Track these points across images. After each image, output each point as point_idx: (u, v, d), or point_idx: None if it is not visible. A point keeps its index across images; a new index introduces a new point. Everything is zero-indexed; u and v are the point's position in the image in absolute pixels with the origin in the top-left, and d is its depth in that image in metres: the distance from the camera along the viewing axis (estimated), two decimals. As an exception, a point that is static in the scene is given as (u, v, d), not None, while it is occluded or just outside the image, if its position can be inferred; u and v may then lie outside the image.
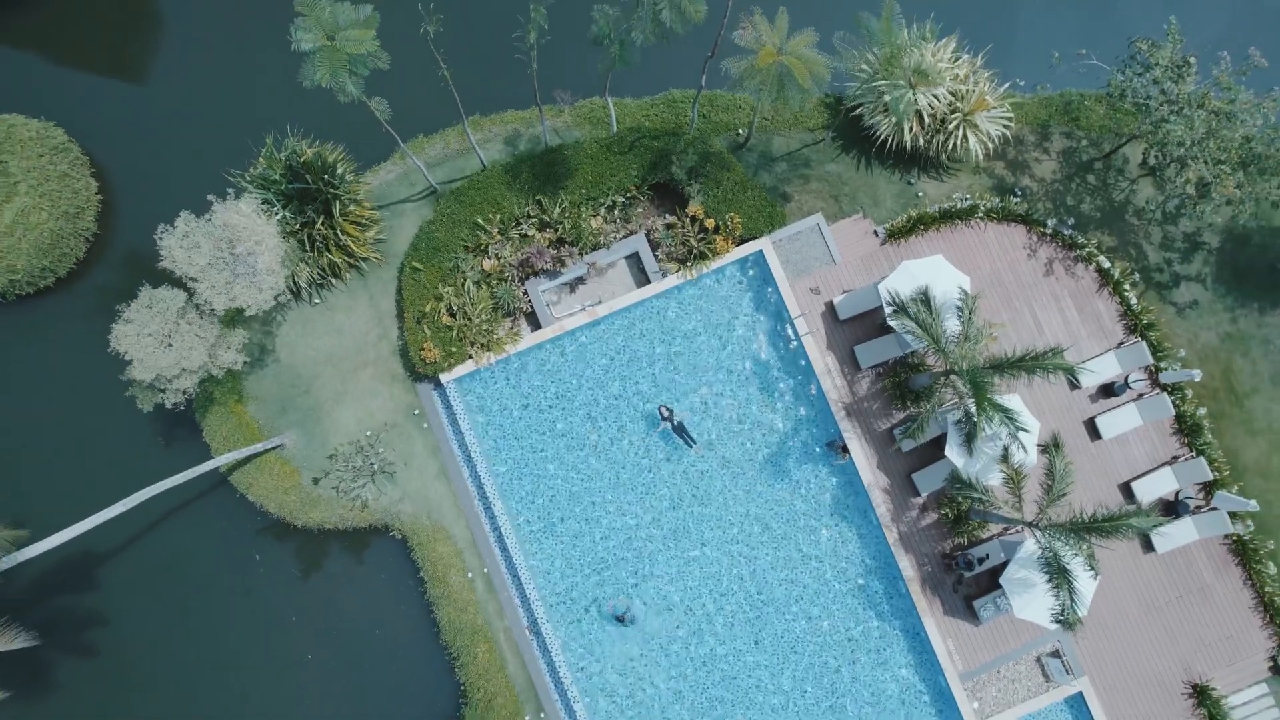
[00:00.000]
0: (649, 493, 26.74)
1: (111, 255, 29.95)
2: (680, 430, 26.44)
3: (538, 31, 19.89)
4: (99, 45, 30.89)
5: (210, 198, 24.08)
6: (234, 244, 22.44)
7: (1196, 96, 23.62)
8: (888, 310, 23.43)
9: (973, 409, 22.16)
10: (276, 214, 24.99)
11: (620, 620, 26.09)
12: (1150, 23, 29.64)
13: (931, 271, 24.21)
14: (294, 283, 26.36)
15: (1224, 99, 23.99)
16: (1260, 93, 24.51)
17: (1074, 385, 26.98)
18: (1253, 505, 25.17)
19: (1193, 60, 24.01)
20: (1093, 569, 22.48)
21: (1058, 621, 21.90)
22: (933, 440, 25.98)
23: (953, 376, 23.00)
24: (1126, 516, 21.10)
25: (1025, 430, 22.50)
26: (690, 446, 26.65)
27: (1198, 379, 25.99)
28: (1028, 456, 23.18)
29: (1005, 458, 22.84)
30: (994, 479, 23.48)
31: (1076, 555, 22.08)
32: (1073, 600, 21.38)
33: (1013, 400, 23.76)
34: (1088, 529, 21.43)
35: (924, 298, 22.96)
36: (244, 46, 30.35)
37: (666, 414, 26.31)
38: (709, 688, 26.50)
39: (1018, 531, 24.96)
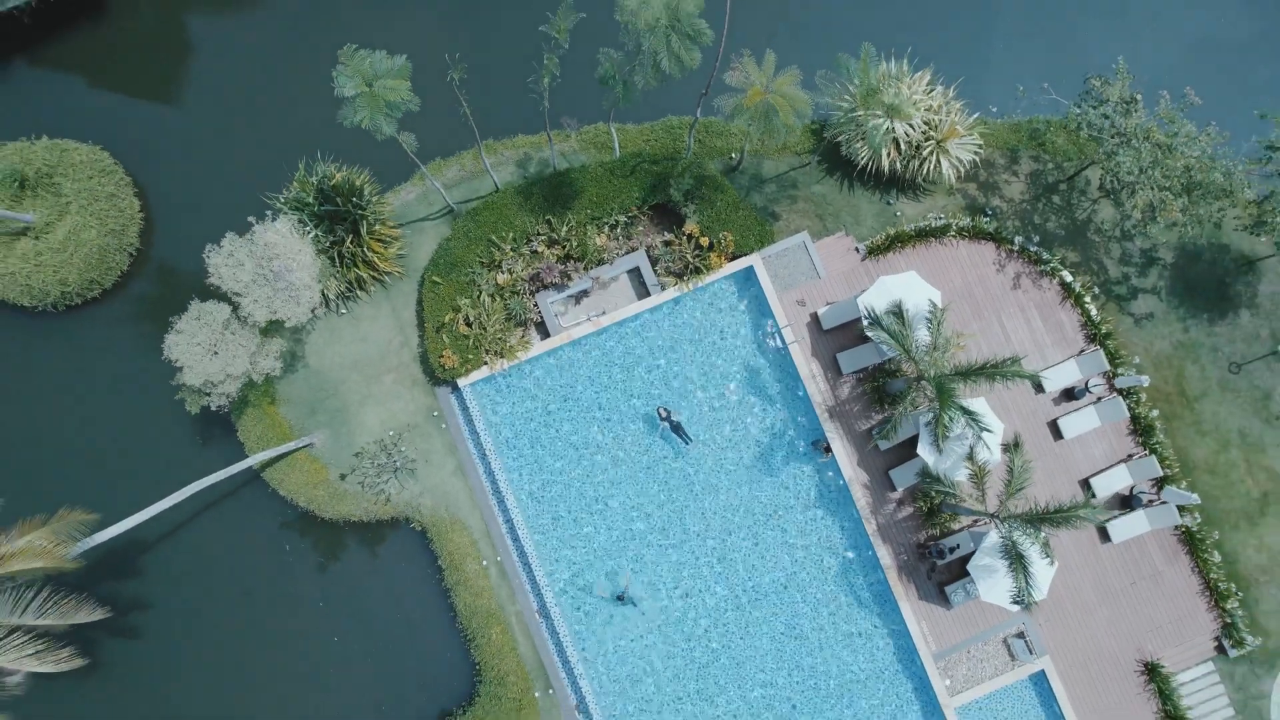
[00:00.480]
0: (648, 487, 29.22)
1: (152, 269, 32.40)
2: (678, 429, 28.90)
3: (550, 77, 22.35)
4: (141, 73, 33.32)
5: (250, 219, 26.60)
6: (273, 261, 24.88)
7: (1143, 129, 26.11)
8: (865, 322, 25.91)
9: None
10: (309, 233, 27.43)
11: (620, 599, 28.53)
12: (1108, 58, 32.28)
13: (905, 287, 26.68)
14: (323, 295, 28.80)
15: (1167, 132, 26.47)
16: (1200, 126, 27.00)
17: (1039, 389, 29.46)
18: (1195, 499, 27.67)
19: (1139, 97, 26.51)
20: (1049, 556, 24.96)
21: (1016, 602, 24.40)
22: (908, 439, 28.44)
23: (923, 381, 25.46)
24: (1075, 509, 23.58)
25: (988, 430, 24.98)
26: (686, 444, 29.13)
27: (1147, 384, 28.50)
28: (991, 455, 25.66)
29: (971, 456, 25.31)
30: (961, 475, 25.95)
31: (1033, 544, 24.54)
32: (1028, 584, 23.86)
33: (978, 403, 26.24)
34: (1041, 520, 23.91)
35: (897, 311, 25.44)
36: (275, 75, 32.83)
37: (664, 415, 28.77)
38: (703, 665, 28.96)
39: (984, 523, 27.40)
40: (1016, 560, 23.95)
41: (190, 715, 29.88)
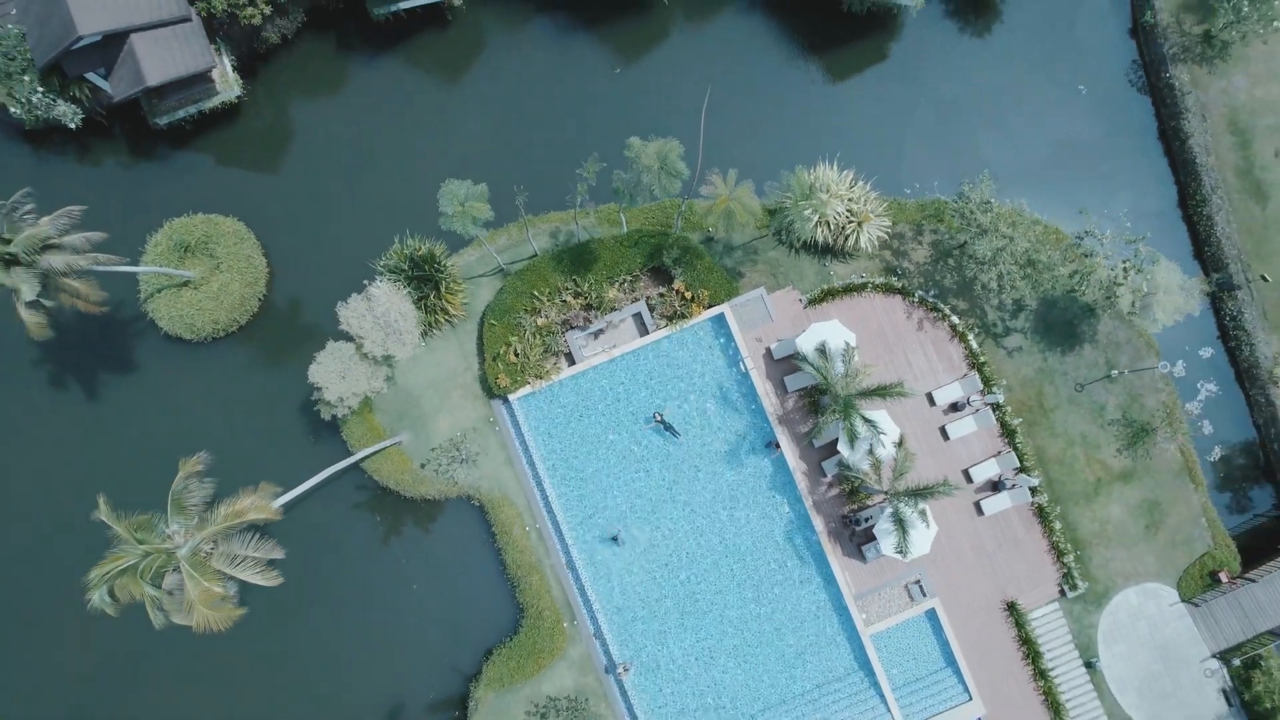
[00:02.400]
0: (647, 473, 40.09)
1: (276, 311, 43.33)
2: (669, 428, 39.75)
3: (582, 198, 33.30)
4: (266, 162, 44.32)
5: (366, 282, 37.48)
6: (387, 313, 35.74)
7: (993, 223, 36.96)
8: (797, 358, 36.79)
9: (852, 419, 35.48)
10: (404, 290, 38.26)
11: (614, 540, 39.30)
12: (992, 153, 43.30)
13: (829, 331, 37.56)
14: (411, 333, 39.66)
15: (1010, 223, 37.34)
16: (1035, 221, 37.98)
17: (932, 403, 40.29)
18: (1034, 481, 38.56)
19: (993, 200, 37.39)
20: (927, 522, 35.80)
21: (899, 553, 35.22)
22: (834, 439, 39.23)
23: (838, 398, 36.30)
24: (936, 487, 34.40)
25: (884, 433, 35.82)
26: (676, 438, 39.99)
27: (1002, 400, 39.36)
28: (887, 450, 36.47)
29: (871, 450, 36.14)
30: (866, 464, 36.74)
31: (914, 512, 35.37)
32: (906, 540, 34.69)
33: (880, 414, 37.06)
34: (915, 494, 34.71)
35: (821, 349, 36.32)
36: (368, 163, 43.72)
37: (659, 418, 39.63)
38: (685, 604, 39.76)
39: (883, 498, 38.13)
40: (899, 524, 34.76)
41: (313, 632, 40.72)
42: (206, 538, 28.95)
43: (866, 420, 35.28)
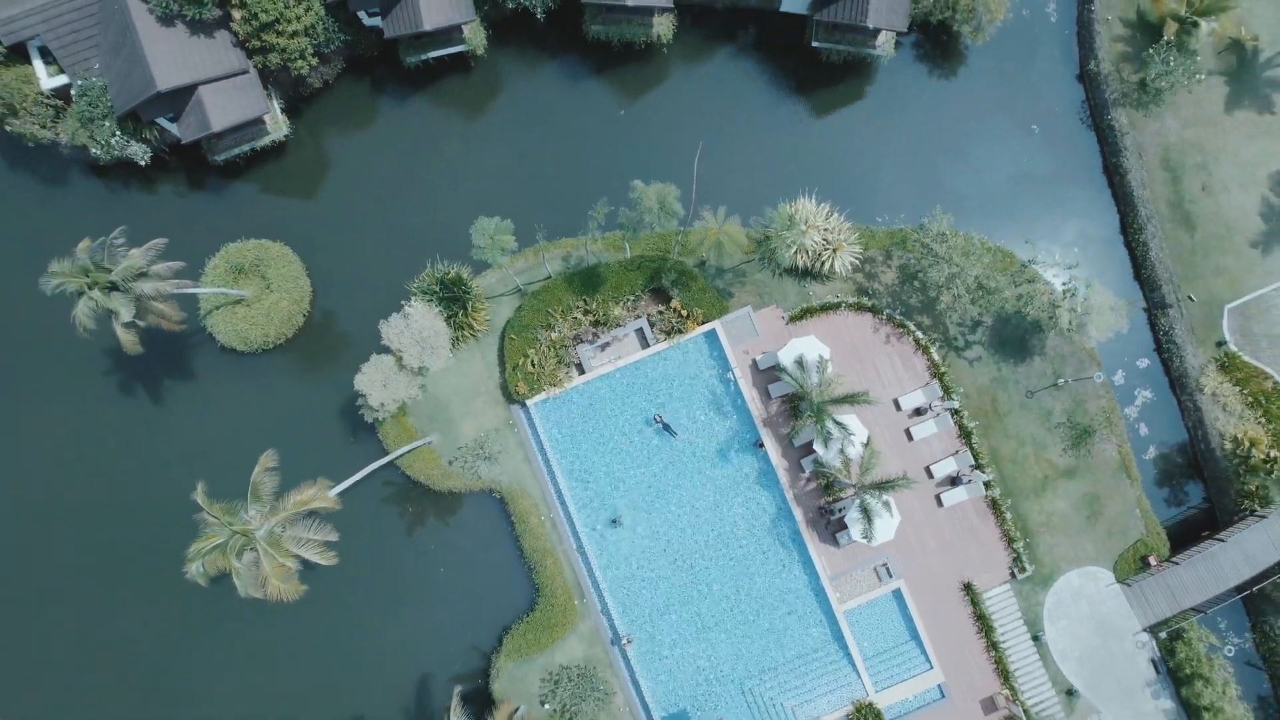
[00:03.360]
0: (648, 468, 45.63)
1: (318, 325, 48.86)
2: (667, 428, 45.30)
3: (593, 233, 38.89)
4: (309, 193, 49.87)
5: (402, 302, 43.01)
6: (421, 330, 41.29)
7: (947, 253, 42.52)
8: (779, 369, 42.35)
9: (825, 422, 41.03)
10: (436, 309, 43.76)
11: (615, 522, 44.86)
12: (954, 186, 48.83)
13: (806, 345, 43.11)
14: (440, 346, 45.20)
15: (963, 251, 42.90)
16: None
17: (898, 408, 45.83)
18: (988, 477, 44.13)
19: (947, 232, 42.95)
20: (890, 511, 41.36)
21: (864, 538, 40.77)
22: (812, 439, 44.72)
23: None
24: (895, 481, 39.95)
25: (853, 435, 41.37)
26: (674, 437, 45.54)
27: (958, 405, 44.93)
28: (855, 449, 42.01)
29: (841, 449, 41.69)
30: (837, 462, 42.27)
31: (879, 503, 40.91)
32: (870, 527, 40.24)
33: (849, 418, 42.60)
34: (878, 488, 40.26)
35: (799, 361, 41.87)
36: (399, 194, 49.25)
37: (659, 419, 45.18)
38: (682, 582, 45.29)
39: (852, 491, 43.64)
40: (865, 513, 40.34)
41: (352, 608, 46.22)
42: (279, 521, 34.51)
43: (837, 423, 40.86)
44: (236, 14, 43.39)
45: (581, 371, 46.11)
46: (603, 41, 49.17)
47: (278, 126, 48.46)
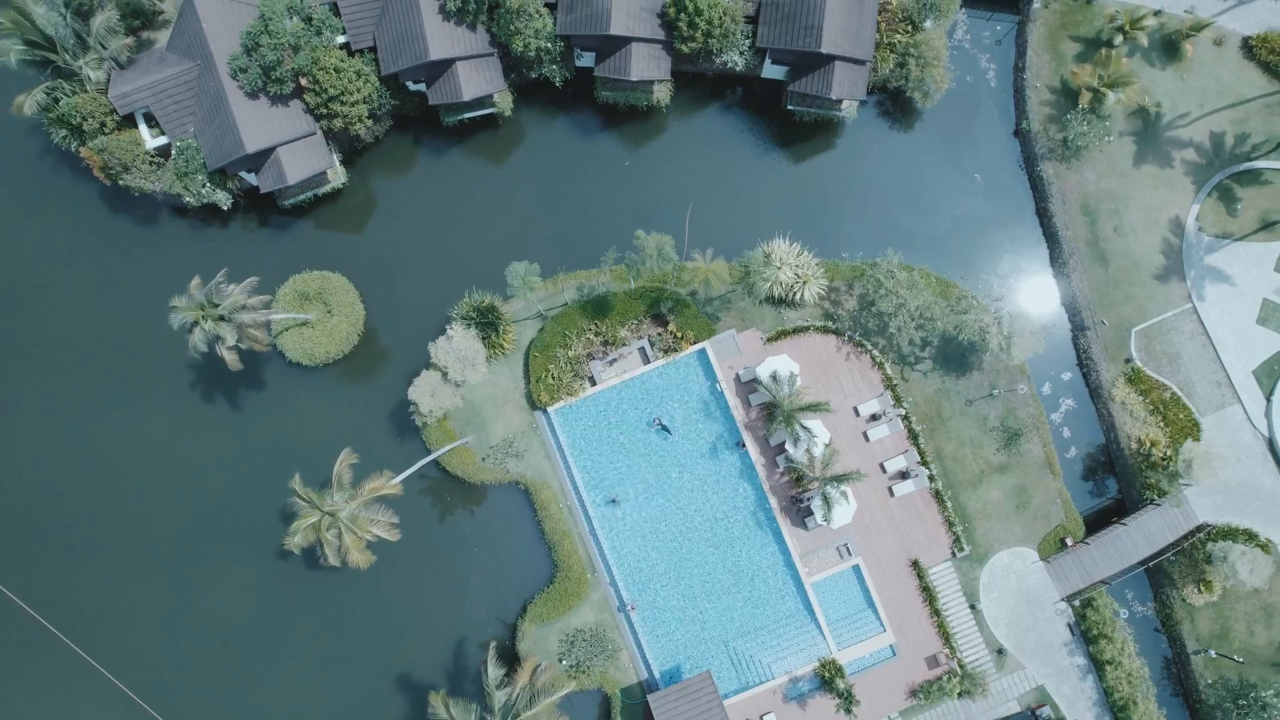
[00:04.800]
0: (645, 463, 54.70)
1: (370, 344, 57.96)
2: (664, 429, 54.40)
3: (608, 261, 48.03)
4: (361, 229, 58.99)
5: (447, 326, 52.12)
6: (461, 349, 50.34)
7: (894, 288, 51.55)
8: (757, 382, 51.44)
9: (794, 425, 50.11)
10: (473, 331, 52.83)
11: (613, 502, 53.94)
12: (907, 227, 57.87)
13: (780, 362, 52.17)
14: (476, 362, 54.32)
15: (906, 291, 51.99)
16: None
17: (857, 414, 54.90)
18: (932, 472, 53.20)
19: (896, 269, 52.04)
20: (847, 500, 50.45)
21: (826, 521, 49.86)
22: (784, 440, 53.77)
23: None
24: (849, 474, 49.02)
25: (816, 437, 50.45)
26: (669, 437, 54.63)
27: (906, 412, 54.00)
28: (819, 449, 51.05)
29: (808, 449, 50.76)
30: (804, 458, 51.30)
31: (837, 492, 49.97)
32: (830, 513, 49.32)
33: (815, 423, 51.65)
34: (835, 480, 49.32)
35: (773, 376, 50.97)
36: (438, 230, 58.37)
37: (658, 422, 54.29)
38: (677, 559, 54.36)
39: (816, 483, 52.59)
40: (825, 501, 49.45)
41: (399, 581, 55.31)
42: (359, 504, 43.64)
43: (804, 427, 49.97)
44: (308, 88, 52.51)
45: (593, 383, 55.19)
46: (611, 104, 58.32)
47: (337, 176, 57.58)
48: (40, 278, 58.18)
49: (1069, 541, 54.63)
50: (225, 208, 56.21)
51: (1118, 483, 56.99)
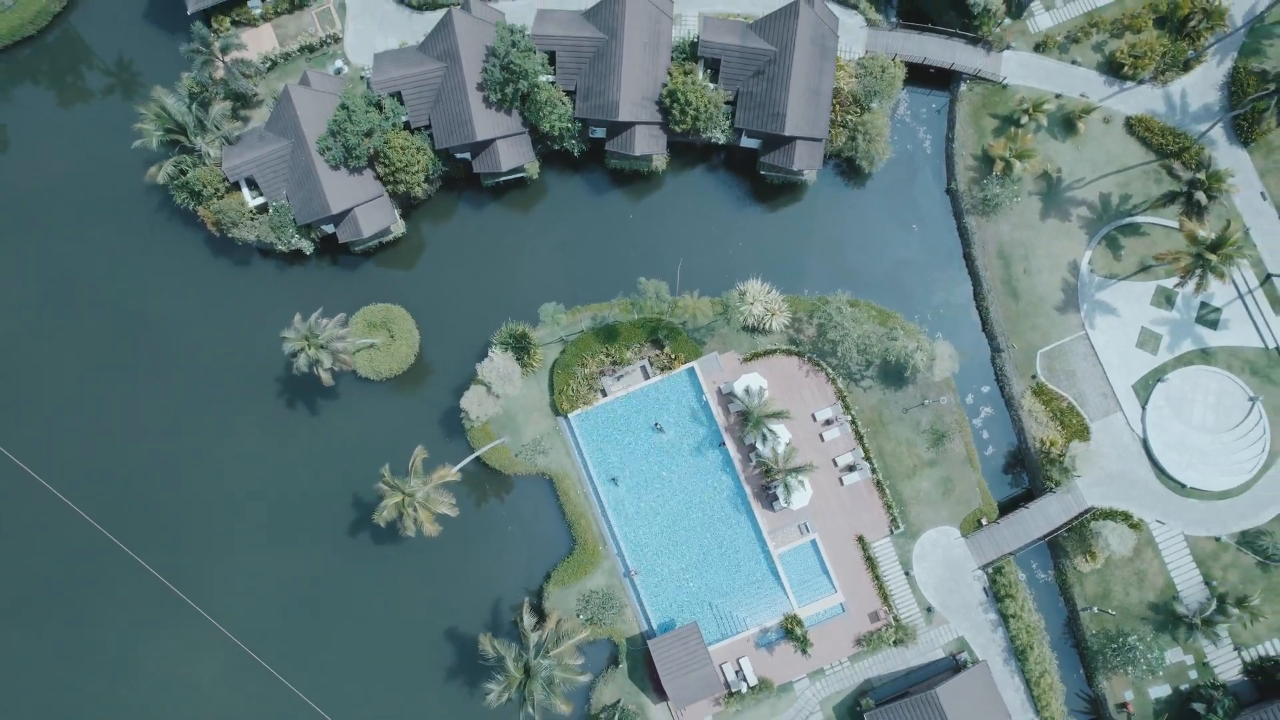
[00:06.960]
0: (646, 459, 68.58)
1: (426, 362, 71.85)
2: (662, 431, 68.18)
3: (620, 299, 61.93)
4: (416, 266, 72.86)
5: (488, 349, 65.97)
6: (500, 368, 64.14)
7: (839, 321, 65.28)
8: (734, 394, 65.32)
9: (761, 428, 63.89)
10: (510, 354, 66.62)
11: (614, 481, 67.73)
12: (860, 268, 71.75)
13: (752, 379, 66.00)
14: (510, 378, 68.16)
15: (851, 323, 65.85)
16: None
17: (814, 420, 68.69)
18: (874, 465, 67.04)
19: (843, 305, 65.78)
20: (804, 487, 64.25)
21: (786, 504, 63.65)
22: (755, 440, 67.51)
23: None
24: (804, 467, 62.78)
25: (780, 438, 64.25)
26: (665, 437, 68.42)
27: (854, 418, 67.87)
28: (781, 448, 64.82)
29: (774, 448, 64.54)
30: (770, 455, 65.05)
31: (796, 481, 63.74)
32: (789, 498, 63.13)
33: (779, 427, 65.41)
34: (793, 471, 63.09)
35: (747, 389, 64.82)
36: (479, 268, 72.21)
37: (658, 425, 68.09)
38: (671, 534, 68.16)
39: (780, 474, 66.14)
40: (785, 488, 63.27)
41: (444, 554, 69.14)
42: (430, 488, 57.51)
43: (770, 430, 63.81)
44: (379, 162, 66.39)
45: (604, 395, 68.98)
46: (619, 170, 72.21)
47: (398, 227, 71.44)
48: (161, 307, 72.11)
49: (984, 521, 68.33)
50: (308, 253, 70.06)
51: (1027, 475, 70.68)
